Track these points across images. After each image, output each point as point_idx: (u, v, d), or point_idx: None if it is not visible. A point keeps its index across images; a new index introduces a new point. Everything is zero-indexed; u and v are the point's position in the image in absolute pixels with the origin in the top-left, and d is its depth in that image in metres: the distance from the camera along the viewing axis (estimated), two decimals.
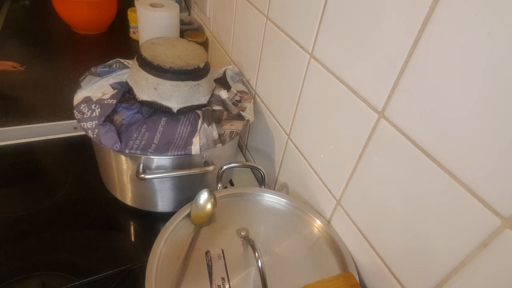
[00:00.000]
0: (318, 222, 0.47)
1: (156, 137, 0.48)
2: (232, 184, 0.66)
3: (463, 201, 0.28)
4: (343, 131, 0.41)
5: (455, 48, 0.27)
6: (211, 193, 0.45)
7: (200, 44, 0.69)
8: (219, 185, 0.51)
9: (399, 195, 0.34)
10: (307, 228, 0.46)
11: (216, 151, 0.53)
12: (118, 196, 0.57)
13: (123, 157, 0.50)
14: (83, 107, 0.50)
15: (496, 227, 0.25)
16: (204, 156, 0.52)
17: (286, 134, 0.55)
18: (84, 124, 0.48)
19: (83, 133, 0.49)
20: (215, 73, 0.64)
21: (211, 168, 0.50)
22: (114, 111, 0.50)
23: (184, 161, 0.50)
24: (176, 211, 0.45)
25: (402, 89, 0.32)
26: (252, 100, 0.61)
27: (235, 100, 0.59)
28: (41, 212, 0.55)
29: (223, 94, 0.57)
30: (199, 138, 0.49)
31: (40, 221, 0.53)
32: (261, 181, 0.54)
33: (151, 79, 0.49)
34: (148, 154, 0.46)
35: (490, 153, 0.25)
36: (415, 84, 0.31)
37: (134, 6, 0.99)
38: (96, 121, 0.48)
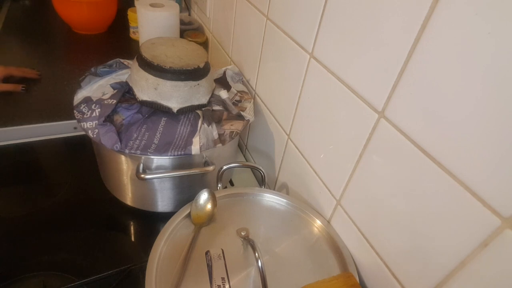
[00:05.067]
0: (318, 222, 0.47)
1: (156, 137, 0.48)
2: (232, 184, 0.66)
3: (463, 201, 0.28)
4: (343, 131, 0.41)
5: (455, 48, 0.27)
6: (211, 193, 0.45)
7: (200, 44, 0.70)
8: (219, 185, 0.51)
9: (399, 195, 0.34)
10: (307, 228, 0.46)
11: (216, 151, 0.53)
12: (118, 196, 0.57)
13: (123, 157, 0.50)
14: (83, 107, 0.50)
15: (496, 227, 0.25)
16: (204, 156, 0.52)
17: (286, 134, 0.55)
18: (84, 124, 0.48)
19: (83, 133, 0.49)
20: (215, 73, 0.64)
21: (211, 168, 0.50)
22: (114, 111, 0.50)
23: (184, 161, 0.50)
24: (176, 211, 0.45)
25: (402, 89, 0.32)
26: (252, 100, 0.61)
27: (235, 100, 0.59)
28: (41, 212, 0.55)
29: (223, 94, 0.57)
30: (199, 138, 0.49)
31: (40, 221, 0.53)
32: (261, 181, 0.54)
33: (151, 79, 0.49)
34: (148, 154, 0.46)
35: (490, 153, 0.25)
36: (415, 84, 0.31)
37: (134, 6, 0.99)
38: (96, 121, 0.48)
